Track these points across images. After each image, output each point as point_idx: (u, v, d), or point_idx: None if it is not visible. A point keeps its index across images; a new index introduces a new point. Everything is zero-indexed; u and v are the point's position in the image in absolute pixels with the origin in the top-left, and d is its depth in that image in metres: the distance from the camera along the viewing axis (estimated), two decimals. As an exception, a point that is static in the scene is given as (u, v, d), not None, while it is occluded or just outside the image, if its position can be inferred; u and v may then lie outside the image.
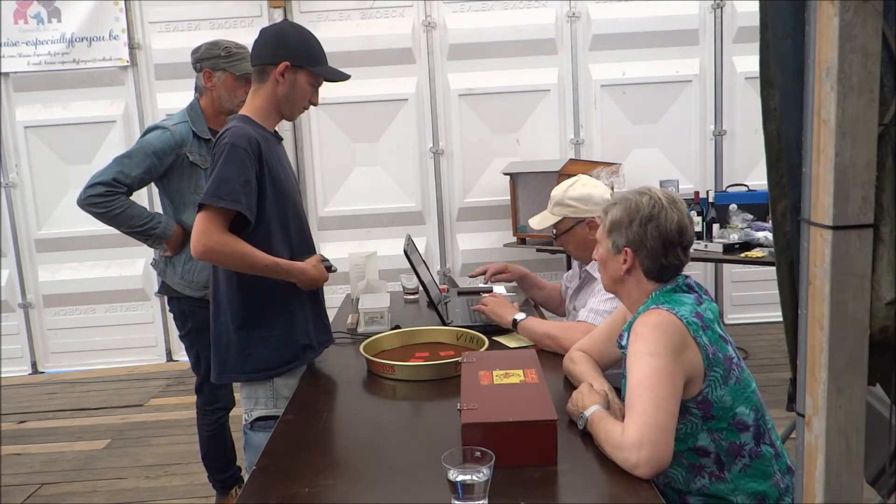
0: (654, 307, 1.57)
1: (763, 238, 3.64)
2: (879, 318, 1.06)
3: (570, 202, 2.39)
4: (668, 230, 1.63)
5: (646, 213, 1.64)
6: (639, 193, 1.68)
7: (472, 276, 2.97)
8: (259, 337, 1.98)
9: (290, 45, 1.97)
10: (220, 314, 2.02)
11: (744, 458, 1.55)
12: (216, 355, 2.04)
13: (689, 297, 1.61)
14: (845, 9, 0.97)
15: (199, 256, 1.88)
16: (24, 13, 4.70)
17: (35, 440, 3.86)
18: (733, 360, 1.56)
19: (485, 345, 2.15)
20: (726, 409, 1.53)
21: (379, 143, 4.92)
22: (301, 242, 2.09)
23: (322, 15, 4.78)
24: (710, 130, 4.95)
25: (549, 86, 4.88)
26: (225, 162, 1.87)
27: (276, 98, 1.99)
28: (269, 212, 1.96)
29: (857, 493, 1.09)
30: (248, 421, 2.04)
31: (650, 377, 1.44)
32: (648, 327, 1.52)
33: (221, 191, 1.85)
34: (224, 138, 1.90)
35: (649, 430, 1.38)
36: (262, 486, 1.41)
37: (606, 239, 1.70)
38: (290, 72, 1.96)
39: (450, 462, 1.24)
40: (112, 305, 5.03)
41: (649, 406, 1.41)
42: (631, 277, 1.68)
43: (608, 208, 1.72)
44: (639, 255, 1.65)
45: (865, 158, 1.01)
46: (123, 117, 4.85)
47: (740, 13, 4.81)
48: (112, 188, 2.48)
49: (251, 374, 2.01)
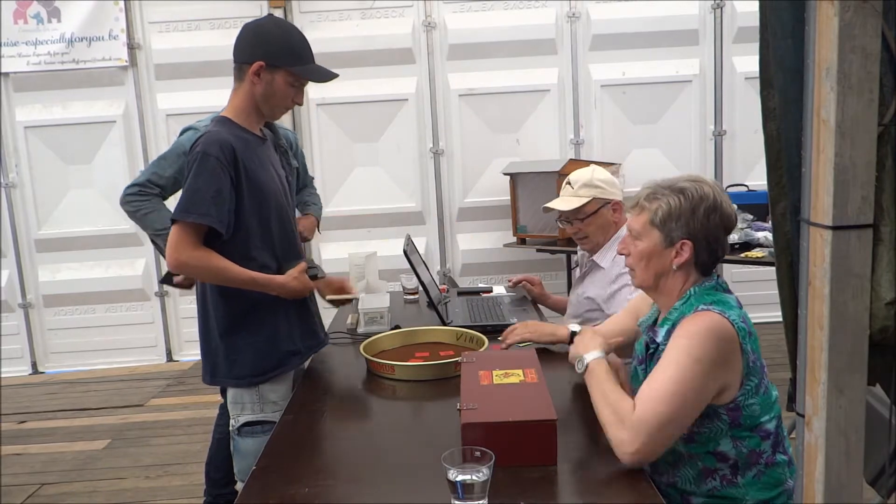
0: (703, 308, 1.49)
1: (763, 238, 3.64)
2: (879, 318, 1.06)
3: (598, 183, 2.38)
4: (731, 220, 1.56)
5: (710, 202, 1.54)
6: (693, 181, 1.58)
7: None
8: (243, 343, 1.95)
9: (268, 43, 1.88)
10: (208, 319, 1.99)
11: (759, 465, 1.53)
12: (206, 358, 2.01)
13: (731, 297, 1.56)
14: (845, 9, 0.97)
15: (174, 270, 1.88)
16: (23, 13, 4.69)
17: (35, 440, 3.86)
18: (764, 368, 1.54)
19: (485, 345, 2.15)
20: (754, 418, 1.51)
21: (379, 143, 4.92)
22: (286, 246, 2.03)
23: (322, 15, 4.77)
24: (710, 130, 4.95)
25: (549, 86, 4.88)
26: (196, 172, 1.83)
27: (254, 98, 1.93)
28: (248, 217, 1.91)
29: (857, 493, 1.09)
30: (235, 427, 2.02)
31: (686, 382, 1.41)
32: (702, 330, 1.45)
33: (191, 204, 1.82)
34: (196, 146, 1.85)
35: (657, 431, 1.39)
36: (262, 486, 1.41)
37: (653, 231, 1.57)
38: (265, 71, 1.88)
39: (450, 462, 1.24)
40: (112, 305, 5.02)
41: (670, 409, 1.39)
42: (679, 272, 1.57)
43: (656, 197, 1.58)
44: (698, 246, 1.55)
45: (865, 158, 1.01)
46: (123, 117, 4.84)
47: (740, 13, 4.81)
48: (145, 188, 2.53)
49: (237, 380, 1.98)
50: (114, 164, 4.87)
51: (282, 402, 1.99)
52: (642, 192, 1.62)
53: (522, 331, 2.01)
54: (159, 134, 4.85)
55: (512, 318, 2.47)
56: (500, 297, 2.85)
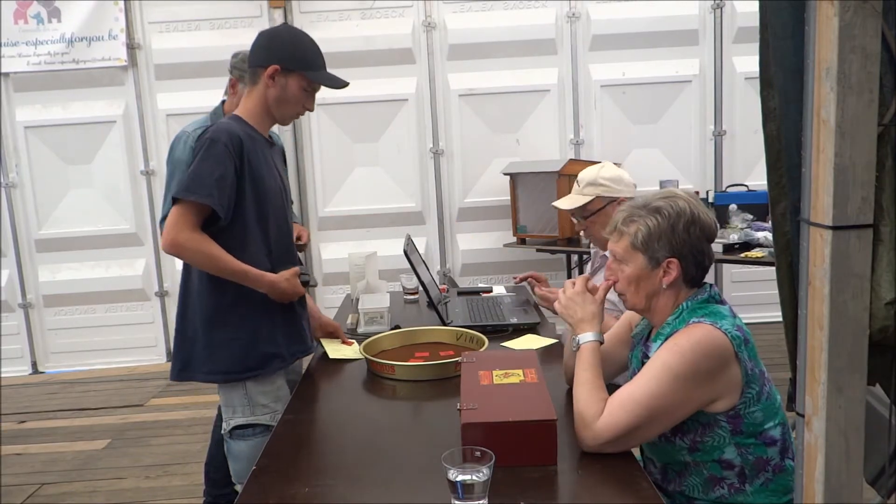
0: (695, 320, 1.49)
1: (763, 238, 3.64)
2: (879, 318, 1.06)
3: (603, 181, 2.40)
4: (711, 229, 1.56)
5: (688, 216, 1.53)
6: (667, 198, 1.56)
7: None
8: (224, 338, 1.94)
9: (283, 48, 1.94)
10: (188, 309, 1.98)
11: (767, 472, 1.52)
12: (179, 352, 2.00)
13: (724, 307, 1.55)
14: (845, 9, 0.97)
15: (167, 251, 1.86)
16: (23, 13, 4.69)
17: (35, 440, 3.86)
18: (765, 375, 1.54)
19: (485, 345, 2.15)
20: (756, 425, 1.50)
21: (379, 143, 4.92)
22: (281, 248, 2.03)
23: (322, 15, 4.78)
24: (710, 130, 4.95)
25: (549, 86, 4.88)
26: (202, 156, 1.85)
27: (267, 101, 1.97)
28: (248, 210, 1.92)
29: (857, 493, 1.09)
30: (227, 430, 2.02)
31: (660, 398, 1.42)
32: (691, 343, 1.44)
33: (194, 185, 1.83)
34: (206, 134, 1.89)
35: (618, 439, 1.43)
36: (262, 486, 1.41)
37: (636, 255, 1.56)
38: (280, 75, 1.94)
39: (450, 462, 1.24)
40: (112, 305, 5.02)
41: (637, 421, 1.42)
42: (669, 290, 1.56)
43: (632, 220, 1.56)
44: (684, 262, 1.54)
45: (865, 158, 1.01)
46: (123, 117, 4.85)
47: (740, 13, 4.81)
48: None
49: (212, 376, 1.97)
50: (114, 164, 4.87)
51: (273, 405, 1.99)
52: (618, 216, 1.60)
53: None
54: (159, 134, 4.85)
55: (512, 318, 2.47)
56: (500, 297, 2.85)
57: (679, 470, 1.56)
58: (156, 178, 4.87)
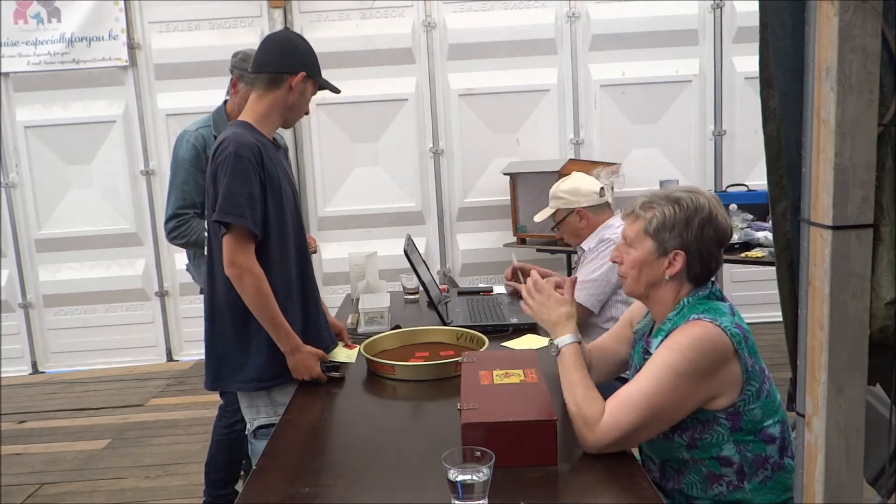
0: (694, 317, 1.50)
1: (763, 238, 3.64)
2: (879, 318, 1.06)
3: (561, 194, 2.62)
4: (725, 233, 1.56)
5: (705, 214, 1.53)
6: (690, 192, 1.56)
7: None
8: (257, 347, 1.95)
9: (307, 55, 2.00)
10: (217, 320, 1.99)
11: (766, 470, 1.52)
12: (210, 362, 2.02)
13: (724, 304, 1.56)
14: (845, 9, 0.97)
15: (229, 274, 1.86)
16: (23, 13, 4.69)
17: (35, 440, 3.86)
18: (765, 372, 1.54)
19: (485, 345, 2.15)
20: (756, 423, 1.50)
21: (379, 143, 4.92)
22: (300, 256, 2.05)
23: (322, 15, 4.77)
24: (710, 130, 4.95)
25: (548, 86, 4.88)
26: (230, 174, 1.84)
27: (284, 106, 1.98)
28: (271, 226, 1.92)
29: (857, 493, 1.09)
30: (251, 430, 2.04)
31: (662, 395, 1.42)
32: (689, 340, 1.45)
33: (228, 205, 1.83)
34: (227, 146, 1.87)
35: (623, 438, 1.42)
36: (262, 486, 1.41)
37: (647, 239, 1.56)
38: (302, 81, 1.97)
39: (450, 462, 1.24)
40: (112, 305, 5.02)
41: (640, 420, 1.42)
42: (671, 282, 1.57)
43: (651, 206, 1.57)
44: (690, 257, 1.54)
45: (865, 158, 1.01)
46: (123, 117, 4.84)
47: (740, 13, 4.81)
48: (178, 216, 2.61)
49: (244, 384, 1.99)
50: (114, 164, 4.87)
51: None
52: (637, 200, 1.61)
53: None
54: (159, 134, 4.85)
55: (512, 318, 2.47)
56: (500, 297, 2.85)
57: (677, 467, 1.56)
58: (156, 178, 4.87)
